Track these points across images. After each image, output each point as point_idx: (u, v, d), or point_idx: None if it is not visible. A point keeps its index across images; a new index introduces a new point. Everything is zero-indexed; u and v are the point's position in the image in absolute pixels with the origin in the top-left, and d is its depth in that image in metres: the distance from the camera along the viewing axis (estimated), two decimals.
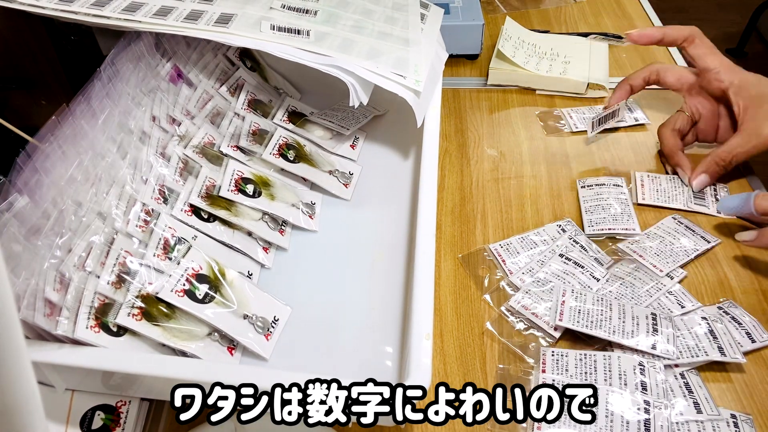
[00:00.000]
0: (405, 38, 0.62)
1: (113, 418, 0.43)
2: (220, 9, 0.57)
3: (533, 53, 0.81)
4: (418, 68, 0.58)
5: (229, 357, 0.45)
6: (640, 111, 0.73)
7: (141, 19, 0.54)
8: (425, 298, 0.42)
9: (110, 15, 0.54)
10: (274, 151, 0.59)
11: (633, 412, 0.43)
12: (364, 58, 0.56)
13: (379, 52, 0.58)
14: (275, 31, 0.56)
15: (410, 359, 0.39)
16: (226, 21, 0.55)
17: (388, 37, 0.60)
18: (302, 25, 0.58)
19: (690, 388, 0.46)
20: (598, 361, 0.47)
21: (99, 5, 0.54)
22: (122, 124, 0.51)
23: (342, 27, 0.60)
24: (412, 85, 0.55)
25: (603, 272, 0.54)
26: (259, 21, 0.57)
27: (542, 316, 0.50)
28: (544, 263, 0.54)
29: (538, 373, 0.47)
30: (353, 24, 0.61)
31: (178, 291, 0.45)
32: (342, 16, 0.62)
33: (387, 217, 0.58)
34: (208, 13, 0.56)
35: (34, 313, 0.39)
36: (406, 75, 0.56)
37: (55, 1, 0.54)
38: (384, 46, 0.59)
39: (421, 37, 0.64)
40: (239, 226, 0.53)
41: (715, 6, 2.50)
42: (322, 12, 0.61)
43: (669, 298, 0.52)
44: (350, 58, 0.56)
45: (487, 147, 0.70)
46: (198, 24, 0.55)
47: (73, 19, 0.54)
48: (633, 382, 0.45)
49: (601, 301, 0.50)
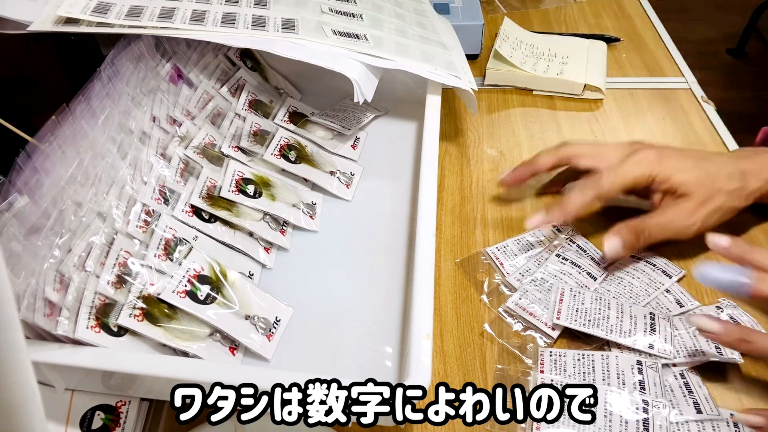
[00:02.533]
0: (441, 42, 0.67)
1: (113, 418, 0.43)
2: (280, 14, 0.58)
3: (531, 54, 0.81)
4: (465, 70, 0.64)
5: (231, 357, 0.45)
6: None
7: (210, 29, 0.56)
8: (425, 298, 0.42)
9: (179, 26, 0.55)
10: (276, 151, 0.59)
11: (632, 411, 0.43)
12: (421, 61, 0.59)
13: (431, 56, 0.61)
14: (338, 36, 0.57)
15: (410, 359, 0.39)
16: (291, 27, 0.56)
17: (427, 41, 0.63)
18: (357, 30, 0.60)
19: (690, 387, 0.46)
20: (596, 361, 0.47)
21: (165, 17, 0.56)
22: (122, 125, 0.51)
23: (388, 31, 0.62)
24: (469, 85, 0.62)
25: (600, 271, 0.54)
26: (319, 25, 0.58)
27: (539, 316, 0.50)
28: (541, 264, 0.54)
29: (536, 373, 0.47)
30: (395, 28, 0.63)
31: (179, 292, 0.45)
32: (384, 20, 0.64)
33: (387, 218, 0.58)
34: (271, 18, 0.57)
35: (34, 313, 0.39)
36: (461, 76, 0.61)
37: (156, 21, 0.55)
38: (430, 50, 0.62)
39: (452, 40, 0.69)
40: (240, 226, 0.53)
41: (715, 6, 2.50)
42: (366, 16, 0.63)
43: (667, 297, 0.52)
44: (412, 62, 0.59)
45: (487, 147, 0.70)
46: (268, 30, 0.56)
47: (141, 32, 0.55)
48: (631, 382, 0.45)
49: (599, 300, 0.50)
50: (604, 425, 0.43)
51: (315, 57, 0.55)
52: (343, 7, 0.64)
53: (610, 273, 0.54)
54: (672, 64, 0.83)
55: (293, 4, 0.61)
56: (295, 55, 0.55)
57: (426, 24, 0.69)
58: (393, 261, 0.54)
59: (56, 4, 0.54)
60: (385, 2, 0.70)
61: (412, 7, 0.72)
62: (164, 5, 0.56)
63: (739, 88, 2.10)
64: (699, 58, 2.06)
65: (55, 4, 0.54)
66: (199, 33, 0.55)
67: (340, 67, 0.55)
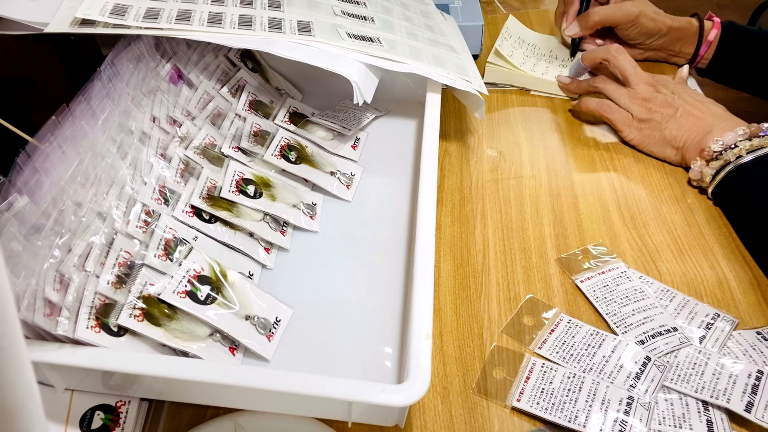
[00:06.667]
0: (450, 45, 0.67)
1: (113, 418, 0.43)
2: (295, 16, 0.58)
3: (531, 54, 0.81)
4: (475, 74, 0.65)
5: (231, 357, 0.45)
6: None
7: (228, 30, 0.56)
8: (425, 298, 0.42)
9: (197, 29, 0.55)
10: (276, 152, 0.59)
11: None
12: (434, 65, 0.59)
13: (442, 60, 0.62)
14: (353, 39, 0.58)
15: (410, 359, 0.39)
16: (307, 29, 0.56)
17: (438, 45, 0.64)
18: (370, 33, 0.61)
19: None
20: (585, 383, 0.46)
21: (183, 20, 0.56)
22: (122, 125, 0.51)
23: (399, 34, 0.63)
24: (480, 89, 0.62)
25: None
26: (334, 28, 0.58)
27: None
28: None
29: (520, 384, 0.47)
30: (406, 31, 0.64)
31: (179, 292, 0.45)
32: (394, 23, 0.65)
33: (387, 218, 0.58)
34: (286, 21, 0.57)
35: (34, 313, 0.39)
36: (471, 81, 0.62)
37: (174, 23, 0.55)
38: (441, 53, 0.63)
39: (460, 43, 0.70)
40: (240, 226, 0.53)
41: (715, 6, 2.50)
42: (378, 19, 0.63)
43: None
44: (426, 66, 0.59)
45: (487, 147, 0.70)
46: (285, 33, 0.56)
47: (159, 35, 0.55)
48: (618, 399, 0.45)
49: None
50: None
51: (314, 58, 0.55)
52: (354, 9, 0.64)
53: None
54: (672, 64, 0.83)
55: (306, 7, 0.61)
56: (294, 56, 0.55)
57: (434, 27, 0.69)
58: (393, 261, 0.54)
59: (72, 6, 0.54)
60: (394, 5, 0.70)
61: (419, 10, 0.72)
62: (180, 7, 0.57)
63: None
64: None
65: (71, 5, 0.54)
66: (214, 35, 0.55)
67: (340, 68, 0.55)
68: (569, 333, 0.50)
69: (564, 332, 0.50)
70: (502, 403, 0.46)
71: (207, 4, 0.58)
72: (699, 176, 0.62)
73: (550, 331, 0.50)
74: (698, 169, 0.62)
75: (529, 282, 0.55)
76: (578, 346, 0.49)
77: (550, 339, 0.50)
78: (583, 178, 0.65)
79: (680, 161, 0.66)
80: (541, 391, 0.46)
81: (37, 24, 0.52)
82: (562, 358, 0.48)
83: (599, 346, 0.49)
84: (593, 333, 0.50)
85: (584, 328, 0.50)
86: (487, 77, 0.79)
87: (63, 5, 0.54)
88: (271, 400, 0.43)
